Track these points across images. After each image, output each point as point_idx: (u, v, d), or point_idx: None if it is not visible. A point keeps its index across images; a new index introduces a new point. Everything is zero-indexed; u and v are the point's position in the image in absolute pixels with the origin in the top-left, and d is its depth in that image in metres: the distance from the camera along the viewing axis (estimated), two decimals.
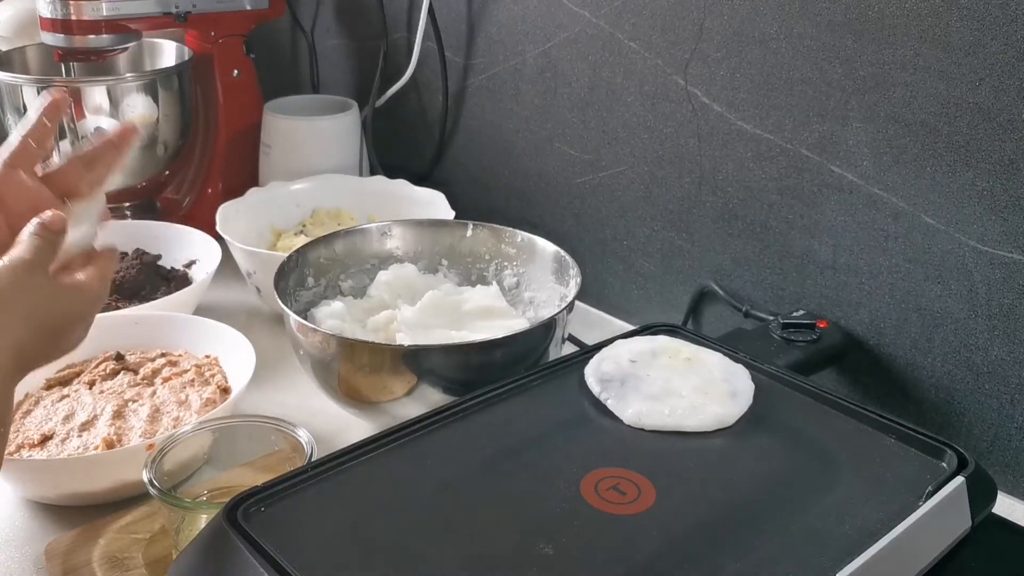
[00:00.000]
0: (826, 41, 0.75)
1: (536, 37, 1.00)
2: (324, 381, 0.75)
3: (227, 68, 1.17)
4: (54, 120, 0.60)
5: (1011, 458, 0.73)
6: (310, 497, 0.52)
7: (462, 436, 0.59)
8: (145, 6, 1.08)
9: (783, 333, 0.78)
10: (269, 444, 0.67)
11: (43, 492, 0.70)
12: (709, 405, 0.60)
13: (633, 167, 0.94)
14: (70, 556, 0.64)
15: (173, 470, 0.64)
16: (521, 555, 0.48)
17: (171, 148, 1.16)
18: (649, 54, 0.89)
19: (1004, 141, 0.67)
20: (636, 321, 0.98)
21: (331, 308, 0.81)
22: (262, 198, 1.07)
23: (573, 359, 0.68)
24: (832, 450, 0.58)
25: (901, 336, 0.77)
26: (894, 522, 0.50)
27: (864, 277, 0.79)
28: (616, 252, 0.99)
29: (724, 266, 0.89)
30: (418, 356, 0.69)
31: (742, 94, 0.82)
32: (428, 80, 1.17)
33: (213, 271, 0.96)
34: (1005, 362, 0.71)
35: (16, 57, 1.18)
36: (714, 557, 0.49)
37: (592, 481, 0.54)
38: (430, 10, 1.10)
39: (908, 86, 0.71)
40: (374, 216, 1.07)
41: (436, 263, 0.90)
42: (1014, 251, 0.69)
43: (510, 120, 1.07)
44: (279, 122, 1.15)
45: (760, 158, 0.83)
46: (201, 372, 0.79)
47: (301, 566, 0.46)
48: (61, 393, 0.77)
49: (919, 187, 0.73)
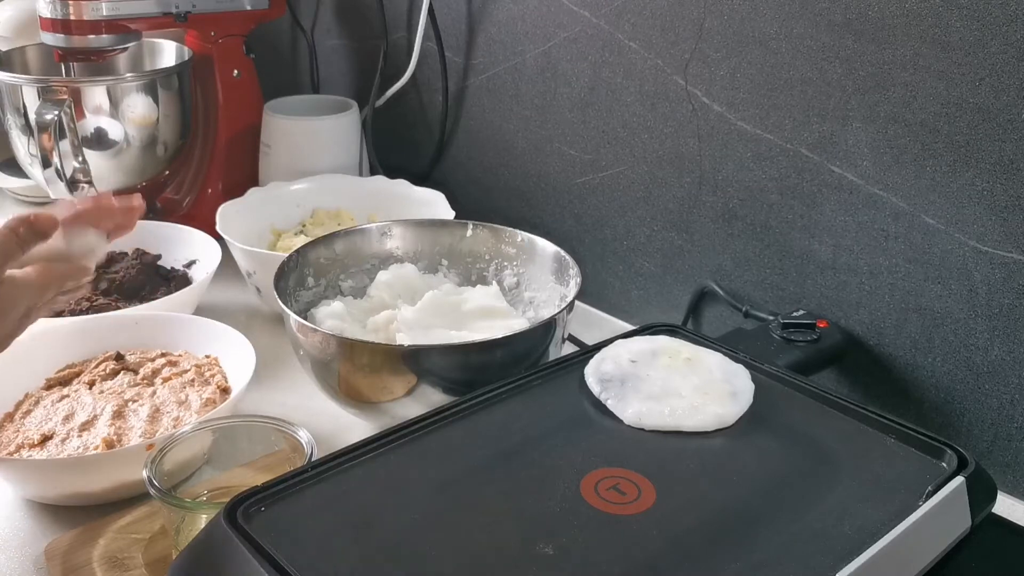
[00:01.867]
0: (826, 41, 0.75)
1: (536, 37, 1.00)
2: (324, 381, 0.75)
3: (227, 68, 1.17)
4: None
5: (1011, 458, 0.73)
6: (310, 497, 0.52)
7: (462, 436, 0.59)
8: (145, 6, 1.08)
9: (783, 333, 0.78)
10: (269, 444, 0.67)
11: (43, 492, 0.70)
12: (709, 405, 0.60)
13: (633, 167, 0.94)
14: (70, 556, 0.64)
15: (173, 470, 0.64)
16: (521, 555, 0.48)
17: (171, 148, 1.16)
18: (649, 54, 0.89)
19: (1004, 141, 0.67)
20: (636, 321, 0.98)
21: (331, 308, 0.81)
22: (262, 198, 1.07)
23: (573, 359, 0.68)
24: (832, 450, 0.58)
25: (901, 336, 0.77)
26: (894, 522, 0.50)
27: (864, 277, 0.79)
28: (616, 252, 0.99)
29: (724, 266, 0.89)
30: (418, 356, 0.69)
31: (742, 94, 0.82)
32: (428, 80, 1.17)
33: (213, 271, 0.96)
34: (1005, 362, 0.71)
35: (16, 57, 1.18)
36: (714, 557, 0.49)
37: (592, 481, 0.54)
38: (430, 10, 1.10)
39: (908, 86, 0.71)
40: (374, 216, 1.07)
41: (436, 263, 0.90)
42: (1014, 251, 0.69)
43: (510, 120, 1.07)
44: (279, 122, 1.15)
45: (760, 158, 0.83)
46: (201, 372, 0.79)
47: (301, 566, 0.46)
48: (61, 393, 0.77)
49: (919, 187, 0.73)
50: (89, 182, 1.10)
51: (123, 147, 1.11)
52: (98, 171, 1.10)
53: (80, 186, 1.10)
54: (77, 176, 1.09)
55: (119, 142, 1.11)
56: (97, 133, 1.09)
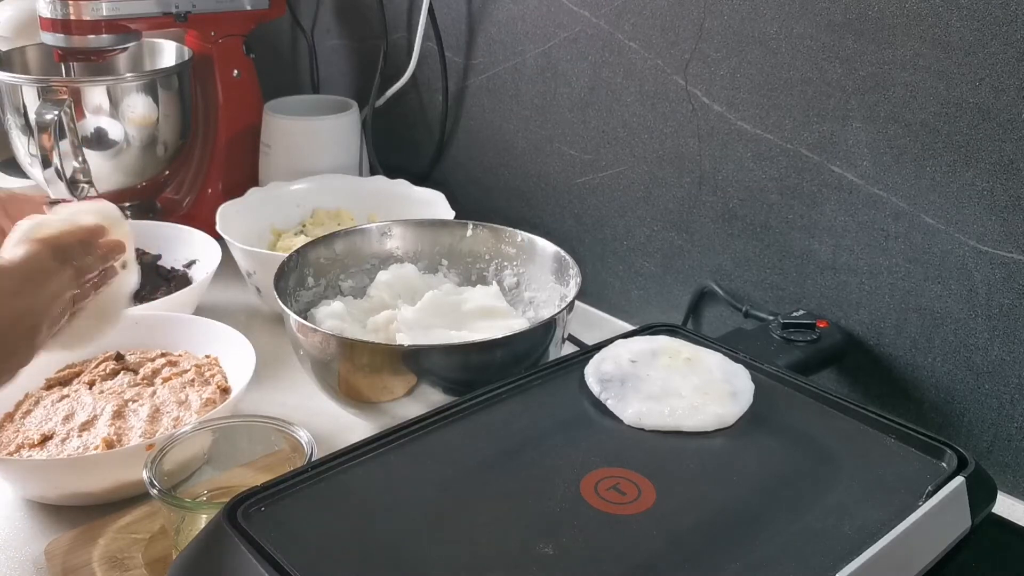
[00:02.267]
0: (826, 41, 0.75)
1: (536, 37, 1.00)
2: (324, 381, 0.75)
3: (227, 68, 1.17)
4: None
5: (1011, 458, 0.73)
6: (310, 497, 0.52)
7: (462, 436, 0.59)
8: (145, 6, 1.08)
9: (783, 333, 0.78)
10: (269, 444, 0.67)
11: (43, 492, 0.70)
12: (709, 405, 0.60)
13: (633, 167, 0.94)
14: (70, 556, 0.64)
15: (173, 470, 0.64)
16: (521, 555, 0.48)
17: (171, 148, 1.16)
18: (649, 54, 0.89)
19: (1004, 141, 0.67)
20: (636, 321, 0.98)
21: (331, 308, 0.81)
22: (262, 198, 1.07)
23: (573, 359, 0.68)
24: (832, 450, 0.58)
25: (901, 336, 0.77)
26: (894, 522, 0.50)
27: (864, 277, 0.79)
28: (616, 252, 0.99)
29: (724, 266, 0.89)
30: (418, 356, 0.69)
31: (742, 94, 0.82)
32: (428, 80, 1.17)
33: (213, 271, 0.96)
34: (1005, 362, 0.71)
35: (16, 57, 1.18)
36: (714, 557, 0.49)
37: (592, 481, 0.54)
38: (430, 10, 1.10)
39: (908, 86, 0.71)
40: (374, 216, 1.07)
41: (436, 263, 0.90)
42: (1014, 251, 0.69)
43: (510, 120, 1.07)
44: (279, 122, 1.15)
45: (760, 158, 0.83)
46: (201, 372, 0.79)
47: (301, 566, 0.46)
48: (61, 393, 0.77)
49: (919, 187, 0.73)
50: (89, 182, 1.10)
51: (123, 147, 1.11)
52: (98, 171, 1.10)
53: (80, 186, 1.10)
54: (77, 176, 1.09)
55: (119, 142, 1.11)
56: (97, 133, 1.09)
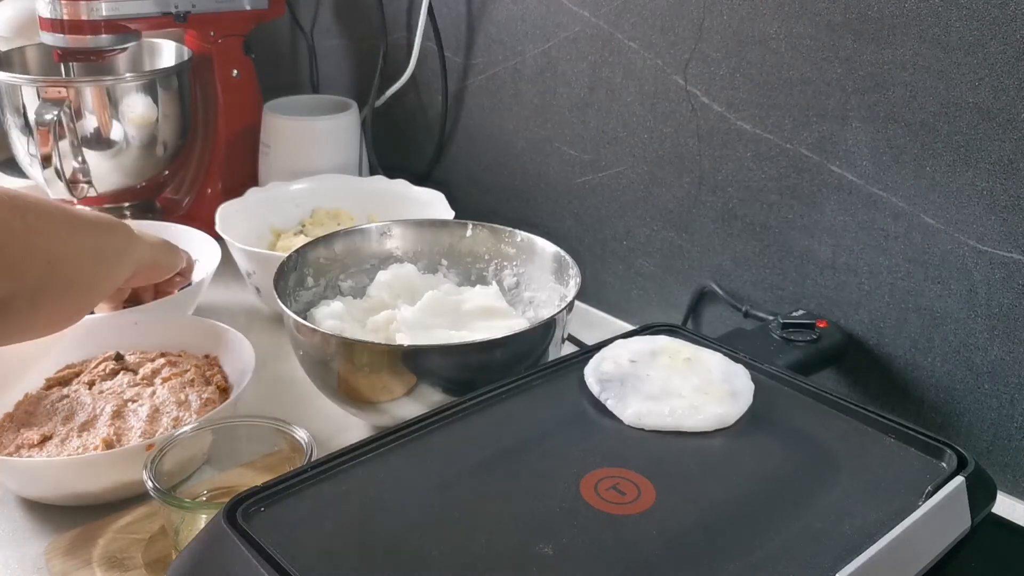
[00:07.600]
0: (826, 41, 0.75)
1: (536, 37, 1.00)
2: (324, 381, 0.75)
3: (227, 68, 1.17)
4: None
5: (1011, 458, 0.73)
6: (310, 497, 0.52)
7: (462, 436, 0.59)
8: (145, 6, 1.08)
9: (783, 333, 0.78)
10: (269, 444, 0.67)
11: (43, 492, 0.70)
12: (709, 405, 0.60)
13: (633, 167, 0.94)
14: (70, 556, 0.64)
15: (173, 470, 0.64)
16: (521, 555, 0.48)
17: (171, 148, 1.16)
18: (649, 54, 0.89)
19: (1004, 141, 0.67)
20: (636, 321, 0.98)
21: (331, 308, 0.81)
22: (262, 198, 1.07)
23: (573, 359, 0.68)
24: (832, 450, 0.58)
25: (901, 336, 0.77)
26: (894, 522, 0.50)
27: (864, 277, 0.79)
28: (616, 252, 0.99)
29: (724, 266, 0.89)
30: (418, 356, 0.69)
31: (742, 94, 0.82)
32: (428, 80, 1.17)
33: (213, 271, 0.96)
34: (1005, 362, 0.71)
35: (16, 57, 1.18)
36: (714, 557, 0.49)
37: (592, 481, 0.54)
38: (430, 10, 1.10)
39: (908, 86, 0.71)
40: (374, 216, 1.07)
41: (436, 263, 0.90)
42: (1014, 251, 0.69)
43: (510, 120, 1.07)
44: (278, 122, 1.15)
45: (760, 158, 0.83)
46: (201, 372, 0.79)
47: (301, 566, 0.46)
48: (61, 393, 0.77)
49: (919, 187, 0.73)
50: (89, 182, 1.11)
51: (123, 147, 1.11)
52: (98, 171, 1.10)
53: (80, 186, 1.10)
54: (77, 176, 1.09)
55: (119, 142, 1.11)
56: (97, 133, 1.09)
